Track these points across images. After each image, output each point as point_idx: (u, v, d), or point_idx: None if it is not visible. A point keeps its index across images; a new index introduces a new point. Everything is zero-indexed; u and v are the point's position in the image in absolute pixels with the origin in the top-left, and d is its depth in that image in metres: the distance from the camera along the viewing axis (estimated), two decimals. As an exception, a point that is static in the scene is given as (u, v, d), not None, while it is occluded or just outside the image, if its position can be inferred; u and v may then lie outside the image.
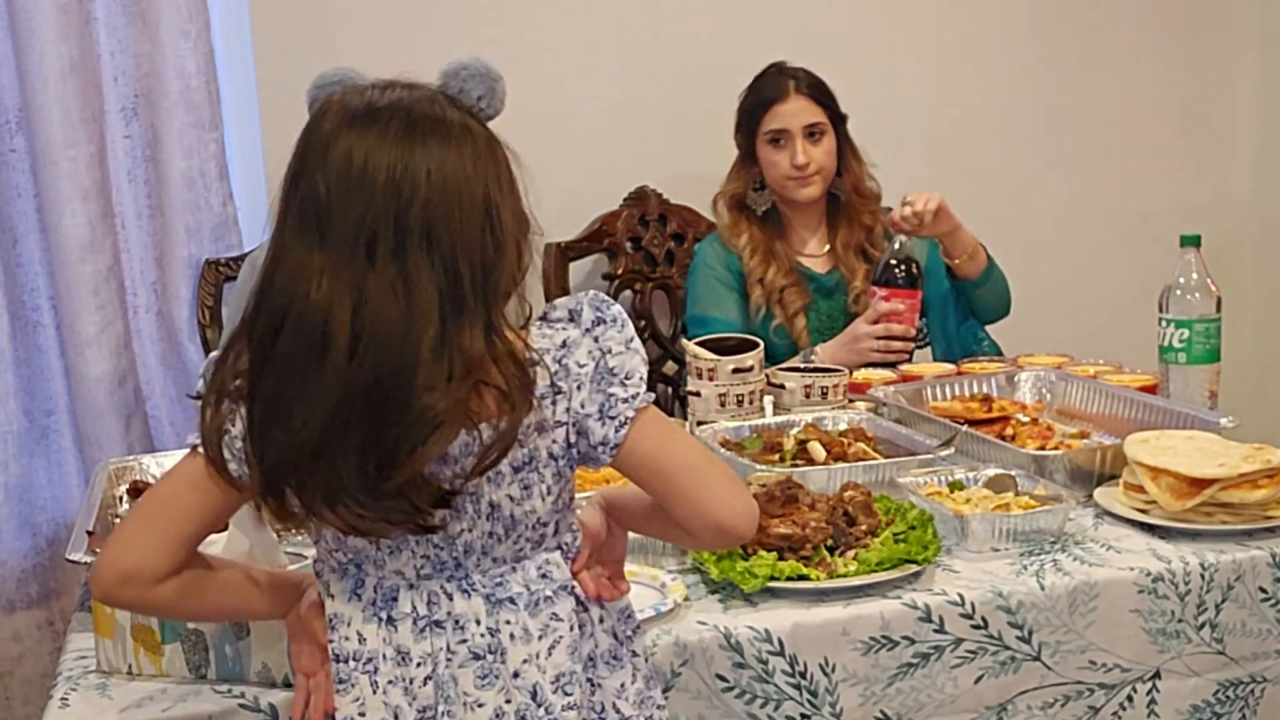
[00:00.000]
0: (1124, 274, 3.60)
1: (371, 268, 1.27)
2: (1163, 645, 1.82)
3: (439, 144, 1.31)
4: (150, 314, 2.85)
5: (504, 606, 1.37)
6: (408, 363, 1.27)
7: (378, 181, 1.29)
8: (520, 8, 3.18)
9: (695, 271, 2.97)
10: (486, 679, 1.36)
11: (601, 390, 1.35)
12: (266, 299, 1.31)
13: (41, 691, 2.42)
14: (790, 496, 1.84)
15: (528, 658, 1.36)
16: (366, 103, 1.33)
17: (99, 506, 1.97)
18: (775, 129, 2.88)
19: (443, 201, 1.29)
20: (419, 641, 1.36)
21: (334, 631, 1.38)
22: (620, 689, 1.43)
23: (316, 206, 1.30)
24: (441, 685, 1.36)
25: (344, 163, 1.30)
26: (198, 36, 2.79)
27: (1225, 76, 3.76)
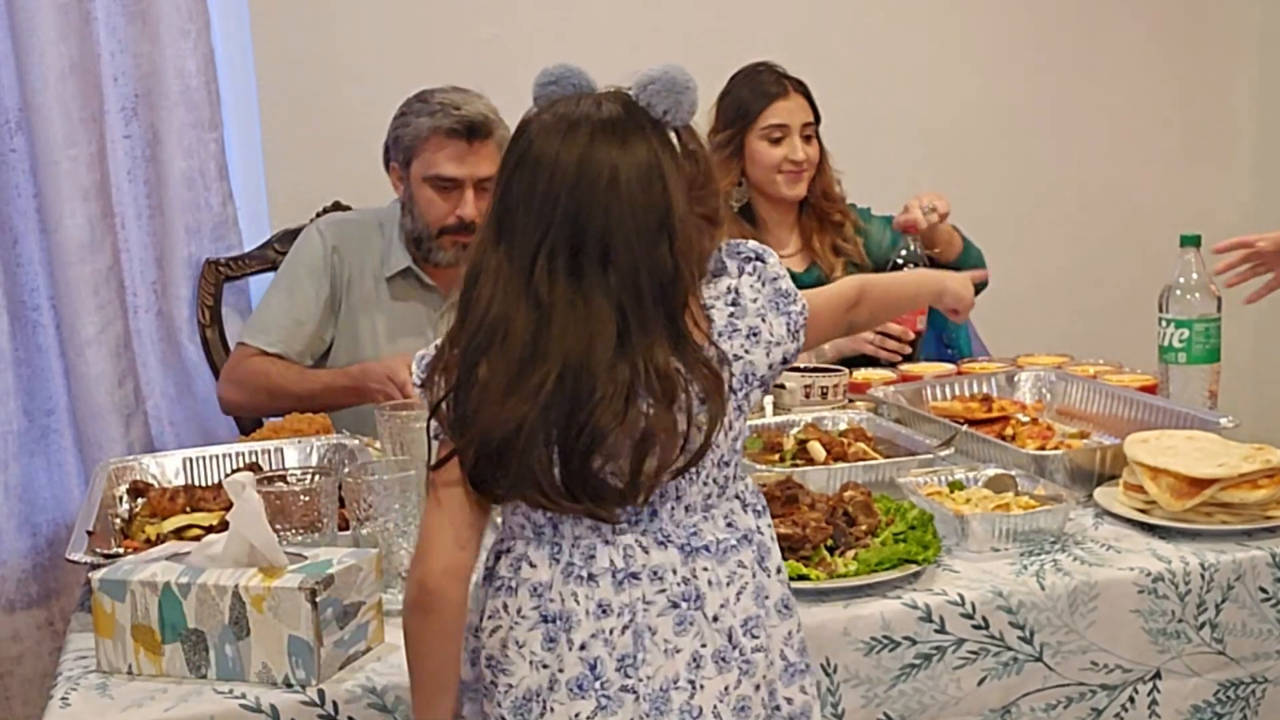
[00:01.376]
0: (1124, 274, 3.60)
1: (552, 283, 1.36)
2: (1163, 645, 1.82)
3: (618, 162, 1.38)
4: (150, 314, 2.84)
5: (699, 555, 1.42)
6: (586, 376, 1.35)
7: (559, 199, 1.37)
8: (520, 8, 3.18)
9: None
10: (683, 625, 1.40)
11: (781, 313, 1.46)
12: (466, 299, 1.40)
13: (41, 691, 2.42)
14: (790, 496, 1.84)
15: (724, 602, 1.41)
16: (559, 116, 1.41)
17: (99, 506, 1.97)
18: (776, 123, 2.89)
19: (620, 222, 1.37)
20: (619, 594, 1.40)
21: (539, 598, 1.41)
22: (788, 636, 1.47)
23: (508, 216, 1.40)
24: (639, 634, 1.39)
25: (530, 178, 1.39)
26: (198, 36, 2.78)
27: (1225, 76, 3.76)
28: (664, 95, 1.44)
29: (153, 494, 2.04)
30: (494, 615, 1.44)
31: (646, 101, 1.43)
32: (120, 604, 1.61)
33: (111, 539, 1.91)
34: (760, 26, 3.32)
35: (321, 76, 3.08)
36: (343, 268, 2.67)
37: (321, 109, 3.06)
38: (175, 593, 1.59)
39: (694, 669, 1.40)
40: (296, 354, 2.63)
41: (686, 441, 1.37)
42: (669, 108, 1.44)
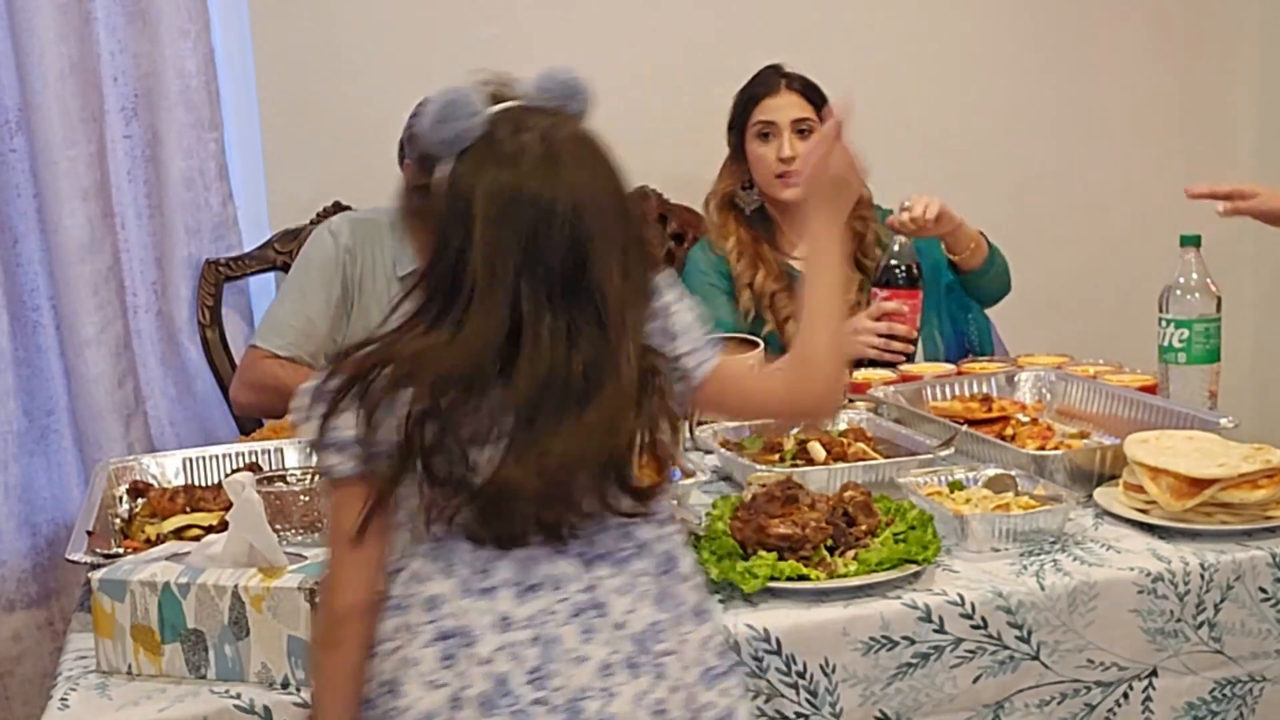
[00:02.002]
0: (1124, 274, 3.60)
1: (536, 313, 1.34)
2: (1161, 644, 1.82)
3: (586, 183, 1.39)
4: (150, 314, 2.85)
5: (597, 563, 1.40)
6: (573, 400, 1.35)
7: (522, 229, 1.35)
8: (520, 8, 3.18)
9: (686, 278, 2.96)
10: (589, 633, 1.38)
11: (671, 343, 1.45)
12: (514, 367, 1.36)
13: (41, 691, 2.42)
14: (790, 496, 1.84)
15: (629, 608, 1.40)
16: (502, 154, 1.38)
17: (99, 506, 1.98)
18: (763, 120, 2.88)
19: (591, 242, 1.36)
20: (520, 606, 1.38)
21: (435, 611, 1.39)
22: (705, 641, 1.45)
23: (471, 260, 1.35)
24: (547, 645, 1.37)
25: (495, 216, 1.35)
26: (198, 36, 2.78)
27: (1225, 76, 3.76)
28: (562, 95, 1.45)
29: (153, 494, 2.04)
30: (389, 638, 1.41)
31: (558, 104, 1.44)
32: (120, 604, 1.61)
33: (111, 539, 1.91)
34: (759, 27, 3.32)
35: (321, 76, 3.08)
36: (354, 267, 2.66)
37: (321, 109, 3.06)
38: (175, 593, 1.59)
39: (605, 676, 1.37)
40: (309, 355, 2.63)
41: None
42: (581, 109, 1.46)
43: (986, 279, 2.86)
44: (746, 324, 2.86)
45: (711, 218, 2.99)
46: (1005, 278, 2.92)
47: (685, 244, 3.28)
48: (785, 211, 2.95)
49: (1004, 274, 2.91)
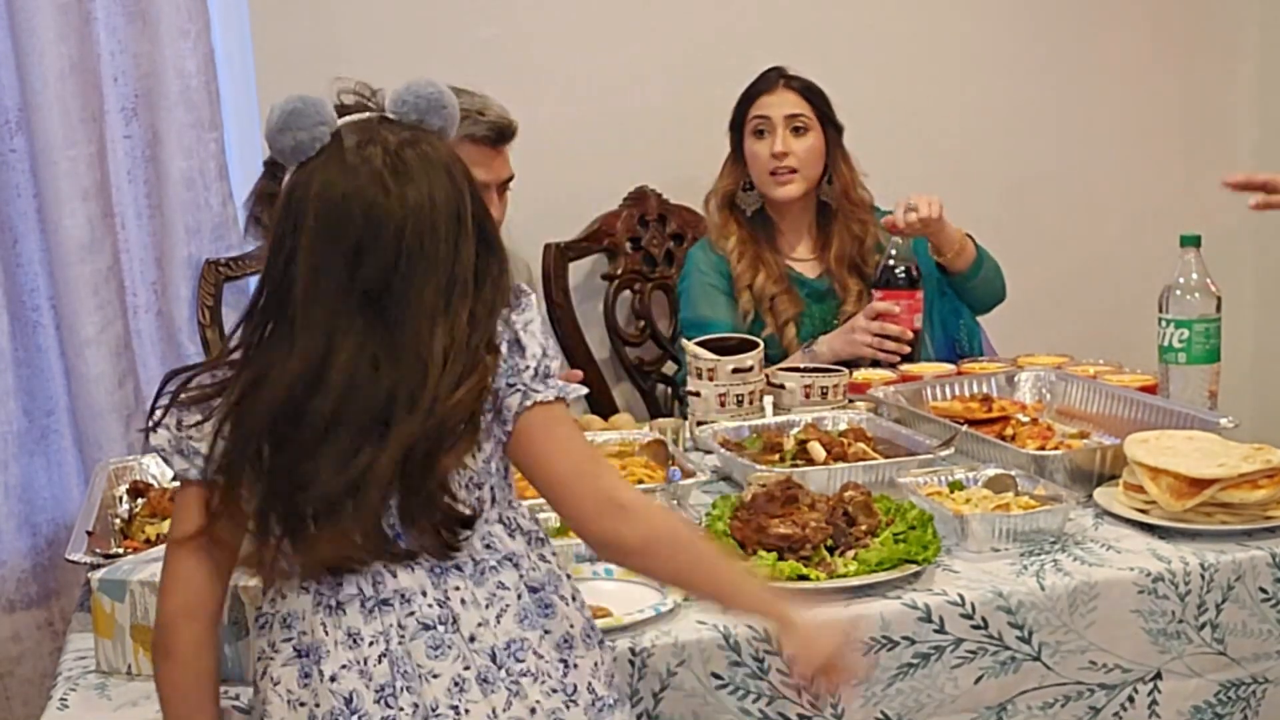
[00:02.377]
0: (1124, 274, 3.60)
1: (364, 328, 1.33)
2: (1163, 646, 1.82)
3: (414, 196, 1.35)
4: (150, 314, 2.84)
5: (449, 574, 1.38)
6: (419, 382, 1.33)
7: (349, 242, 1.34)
8: (520, 8, 3.18)
9: (687, 276, 2.97)
10: (439, 649, 1.36)
11: (510, 361, 1.39)
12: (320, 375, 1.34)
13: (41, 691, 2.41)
14: (790, 496, 1.84)
15: (481, 622, 1.37)
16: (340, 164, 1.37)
17: (99, 506, 1.98)
18: (757, 116, 2.89)
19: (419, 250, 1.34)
20: (369, 622, 1.36)
21: (290, 629, 1.38)
22: (594, 668, 1.43)
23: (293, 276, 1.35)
24: (396, 661, 1.35)
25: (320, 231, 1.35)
26: (198, 36, 2.78)
27: (1225, 76, 3.76)
28: (435, 115, 1.42)
29: (153, 494, 2.04)
30: (261, 655, 1.40)
31: (417, 119, 1.41)
32: (120, 604, 1.61)
33: (111, 539, 1.91)
34: (760, 26, 3.32)
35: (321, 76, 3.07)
36: None
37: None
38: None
39: (457, 693, 1.35)
40: None
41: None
42: (444, 124, 1.43)
43: (975, 283, 2.86)
44: (746, 326, 2.86)
45: (712, 218, 2.98)
46: (997, 283, 2.90)
47: (685, 244, 3.28)
48: (785, 213, 2.95)
49: (995, 280, 2.90)
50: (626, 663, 1.62)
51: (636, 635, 1.64)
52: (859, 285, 2.89)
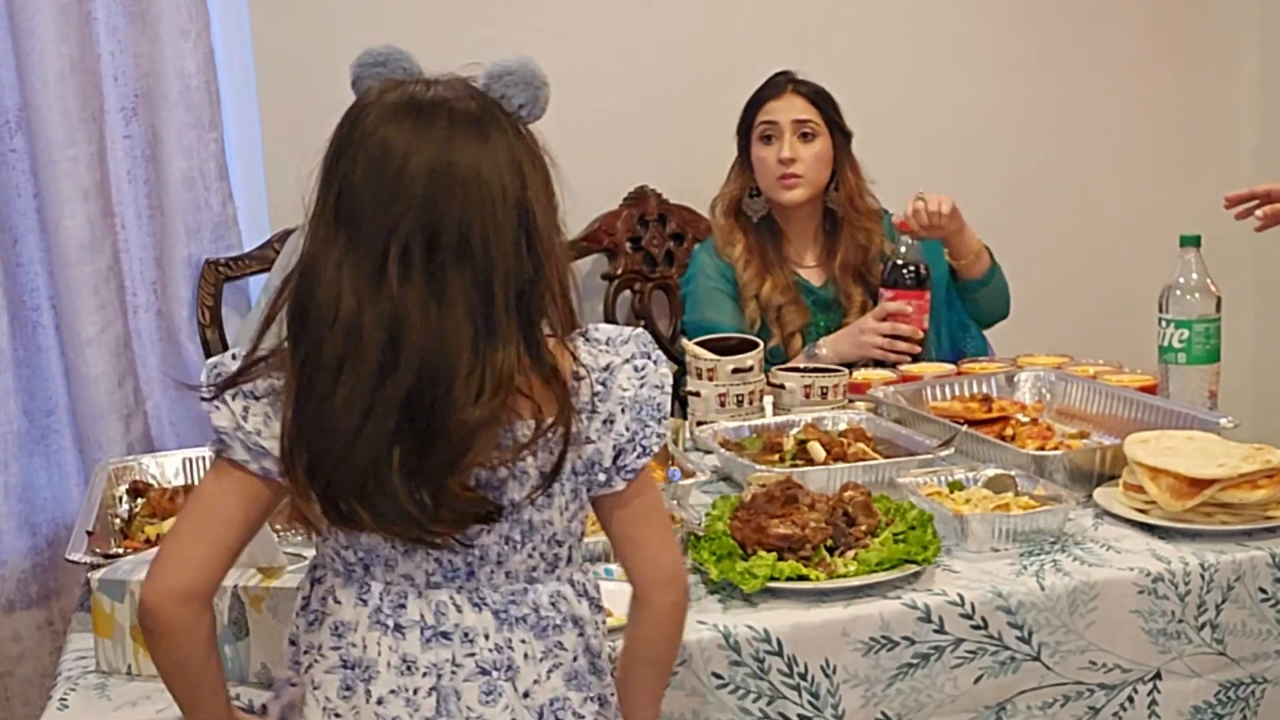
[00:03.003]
0: (1124, 274, 3.60)
1: (406, 279, 1.26)
2: (1163, 646, 1.82)
3: (478, 154, 1.29)
4: (150, 314, 2.85)
5: (516, 625, 1.36)
6: (442, 381, 1.26)
7: (414, 187, 1.27)
8: (520, 8, 3.18)
9: (692, 279, 2.96)
10: (491, 695, 1.34)
11: (639, 419, 1.38)
12: (306, 297, 1.29)
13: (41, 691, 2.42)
14: (790, 496, 1.84)
15: (537, 678, 1.36)
16: (408, 99, 1.31)
17: (99, 506, 1.98)
18: (765, 121, 2.88)
19: (479, 216, 1.28)
20: (425, 651, 1.35)
21: (340, 639, 1.37)
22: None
23: (350, 208, 1.29)
24: (444, 698, 1.34)
25: (379, 163, 1.28)
26: (198, 36, 2.78)
27: (1225, 76, 3.76)
28: (521, 89, 1.33)
29: (153, 494, 2.04)
30: (309, 650, 1.38)
31: (500, 93, 1.33)
32: (119, 604, 1.61)
33: (111, 539, 1.91)
34: (760, 27, 3.32)
35: (321, 76, 3.07)
36: None
37: (321, 109, 3.05)
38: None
39: None
40: None
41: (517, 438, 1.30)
42: (525, 101, 1.34)
43: (985, 292, 2.87)
44: (753, 333, 2.85)
45: (718, 223, 2.97)
46: (1005, 297, 2.92)
47: (685, 243, 3.28)
48: (791, 219, 2.94)
49: (1004, 293, 2.91)
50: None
51: (636, 635, 1.64)
52: (863, 295, 2.88)
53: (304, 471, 1.30)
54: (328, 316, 1.27)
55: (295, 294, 1.30)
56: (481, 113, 1.31)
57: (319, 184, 1.31)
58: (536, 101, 1.35)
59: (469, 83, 1.34)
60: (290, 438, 1.30)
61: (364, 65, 1.37)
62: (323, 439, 1.28)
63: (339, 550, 1.37)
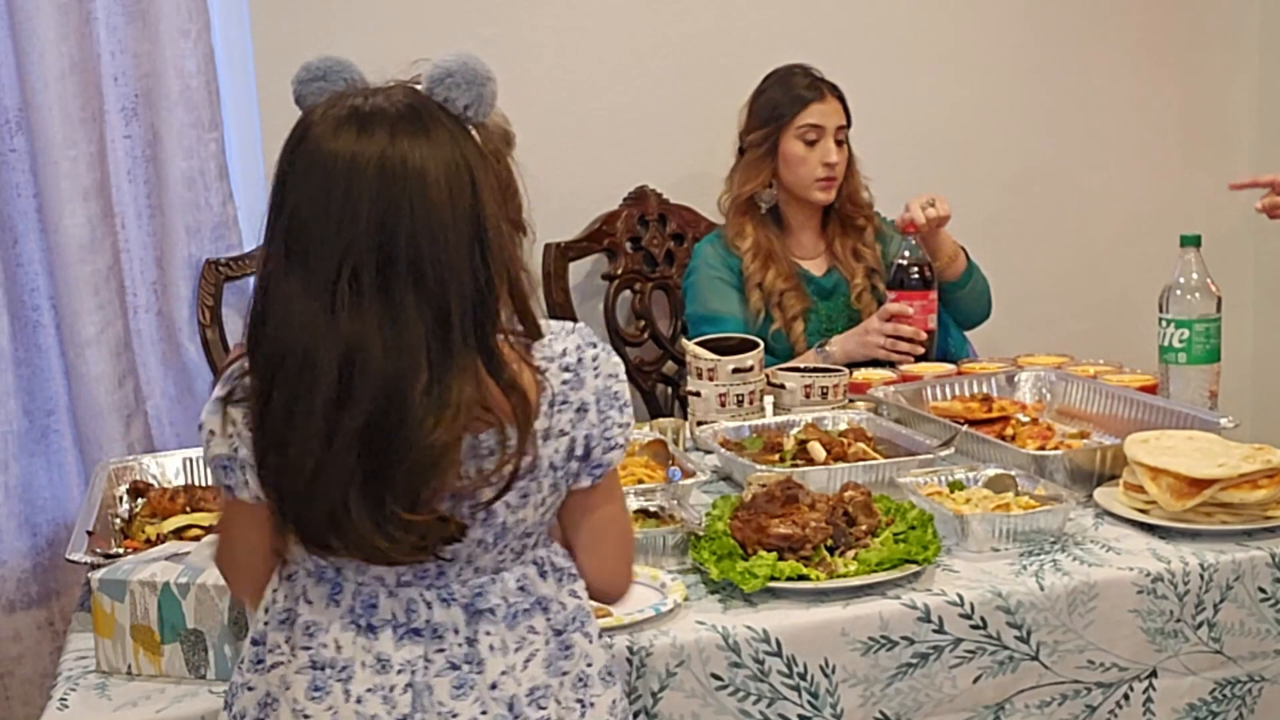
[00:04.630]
0: (1124, 274, 3.60)
1: (358, 305, 1.25)
2: (1160, 645, 1.82)
3: (423, 162, 1.26)
4: (150, 314, 2.84)
5: (483, 617, 1.37)
6: (398, 407, 1.25)
7: (360, 208, 1.25)
8: (520, 7, 3.18)
9: (695, 271, 2.97)
10: (462, 689, 1.35)
11: (599, 410, 1.38)
12: (259, 329, 1.29)
13: (41, 691, 2.42)
14: (790, 496, 1.84)
15: (505, 669, 1.36)
16: (350, 111, 1.29)
17: (99, 506, 1.98)
18: (812, 124, 2.89)
19: (429, 231, 1.26)
20: (399, 649, 1.36)
21: (311, 639, 1.37)
22: (611, 706, 1.42)
23: (299, 230, 1.27)
24: (419, 694, 1.35)
25: (324, 183, 1.27)
26: (198, 36, 2.78)
27: (1225, 76, 3.76)
28: (465, 88, 1.30)
29: (153, 494, 2.04)
30: (274, 649, 1.38)
31: (444, 96, 1.30)
32: (120, 604, 1.61)
33: (111, 539, 1.91)
34: (758, 27, 3.32)
35: (322, 76, 3.08)
36: None
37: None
38: (174, 593, 1.59)
39: None
40: None
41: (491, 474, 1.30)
42: (470, 101, 1.30)
43: (964, 293, 2.90)
44: (757, 321, 2.86)
45: (730, 216, 2.97)
46: (985, 299, 2.95)
47: (686, 243, 3.28)
48: (798, 212, 2.96)
49: (984, 294, 2.94)
50: (625, 661, 1.62)
51: (635, 634, 1.64)
52: (862, 266, 2.92)
53: (274, 504, 1.32)
54: (280, 354, 1.27)
55: (250, 332, 1.30)
56: (424, 118, 1.29)
57: (268, 212, 1.30)
58: (482, 100, 1.33)
59: (411, 88, 1.32)
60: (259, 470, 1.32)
61: (303, 81, 1.35)
62: (286, 475, 1.29)
63: (310, 553, 1.37)
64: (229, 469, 1.35)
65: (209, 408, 1.36)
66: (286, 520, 1.32)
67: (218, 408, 1.35)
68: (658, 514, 1.92)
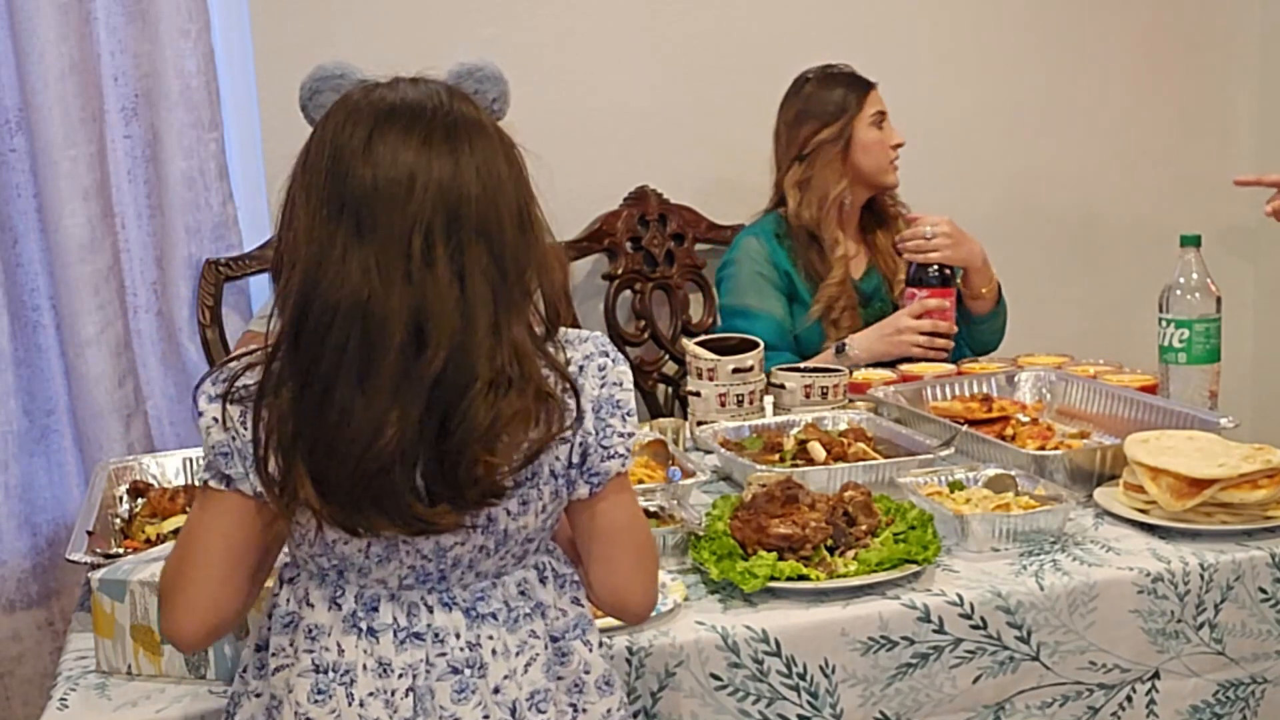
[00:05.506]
0: (1124, 274, 3.60)
1: (429, 266, 1.27)
2: (1162, 645, 1.82)
3: (481, 144, 1.31)
4: (150, 314, 2.84)
5: (484, 621, 1.37)
6: (467, 361, 1.27)
7: (429, 180, 1.28)
8: (520, 7, 3.18)
9: (734, 263, 2.93)
10: (463, 693, 1.35)
11: (601, 418, 1.38)
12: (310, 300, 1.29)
13: (41, 691, 2.42)
14: (790, 496, 1.84)
15: (508, 673, 1.37)
16: (400, 100, 1.32)
17: (99, 506, 1.98)
18: (878, 111, 2.92)
19: (492, 200, 1.29)
20: (400, 653, 1.36)
21: (314, 642, 1.37)
22: (607, 714, 1.42)
23: (362, 208, 1.28)
24: (420, 698, 1.35)
25: (390, 162, 1.28)
26: (198, 36, 2.78)
27: (1225, 76, 3.76)
28: (493, 83, 1.36)
29: (153, 494, 2.04)
30: (278, 652, 1.38)
31: (474, 89, 1.36)
32: (120, 604, 1.61)
33: (111, 539, 1.91)
34: (758, 27, 3.32)
35: (321, 76, 3.08)
36: None
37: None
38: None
39: None
40: None
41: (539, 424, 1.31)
42: (497, 96, 1.36)
43: (985, 327, 2.91)
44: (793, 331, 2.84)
45: (828, 221, 2.89)
46: (1001, 335, 2.96)
47: (686, 243, 3.28)
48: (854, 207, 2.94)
49: (1001, 330, 2.96)
50: (624, 661, 1.62)
51: (634, 635, 1.64)
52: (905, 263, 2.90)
53: (307, 474, 1.29)
54: (344, 319, 1.27)
55: (297, 308, 1.30)
56: (472, 112, 1.33)
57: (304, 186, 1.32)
58: (505, 97, 1.39)
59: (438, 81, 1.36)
60: (284, 443, 1.29)
61: (319, 79, 1.37)
62: (339, 444, 1.27)
63: (313, 555, 1.38)
64: (229, 457, 1.34)
65: (206, 399, 1.36)
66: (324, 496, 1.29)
67: (217, 401, 1.35)
68: (658, 514, 1.92)
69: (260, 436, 1.31)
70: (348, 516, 1.30)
